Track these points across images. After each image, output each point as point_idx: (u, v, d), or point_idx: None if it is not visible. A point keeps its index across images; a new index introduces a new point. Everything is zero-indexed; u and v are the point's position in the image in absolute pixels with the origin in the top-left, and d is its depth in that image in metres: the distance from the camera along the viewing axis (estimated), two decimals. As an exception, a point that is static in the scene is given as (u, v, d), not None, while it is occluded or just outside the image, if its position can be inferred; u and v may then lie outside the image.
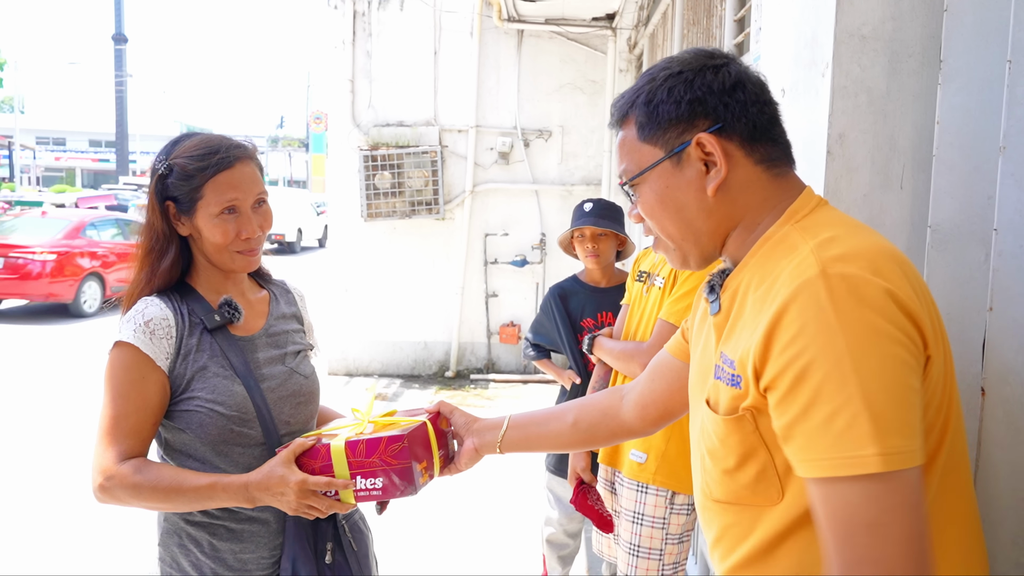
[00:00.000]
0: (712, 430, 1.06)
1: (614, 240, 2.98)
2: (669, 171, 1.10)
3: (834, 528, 0.88)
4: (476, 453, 1.57)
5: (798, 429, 0.90)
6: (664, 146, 1.09)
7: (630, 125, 1.13)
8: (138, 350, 1.53)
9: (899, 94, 1.44)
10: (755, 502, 1.03)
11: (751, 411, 0.98)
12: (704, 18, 3.86)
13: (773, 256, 1.03)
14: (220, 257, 1.61)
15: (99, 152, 49.84)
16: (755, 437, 1.00)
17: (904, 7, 1.47)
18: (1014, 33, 1.10)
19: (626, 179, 1.14)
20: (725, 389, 1.03)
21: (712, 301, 1.13)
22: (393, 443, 1.46)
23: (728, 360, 1.03)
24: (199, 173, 1.56)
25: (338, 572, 1.67)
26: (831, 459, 0.86)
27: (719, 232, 1.11)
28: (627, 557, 2.37)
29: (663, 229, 1.13)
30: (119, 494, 1.49)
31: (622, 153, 1.15)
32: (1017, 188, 1.11)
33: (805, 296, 0.91)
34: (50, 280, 10.40)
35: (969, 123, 1.28)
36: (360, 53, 7.52)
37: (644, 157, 1.11)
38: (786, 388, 0.91)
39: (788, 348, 0.90)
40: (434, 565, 3.85)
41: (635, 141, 1.12)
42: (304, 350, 1.77)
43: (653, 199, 1.11)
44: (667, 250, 1.16)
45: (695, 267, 1.16)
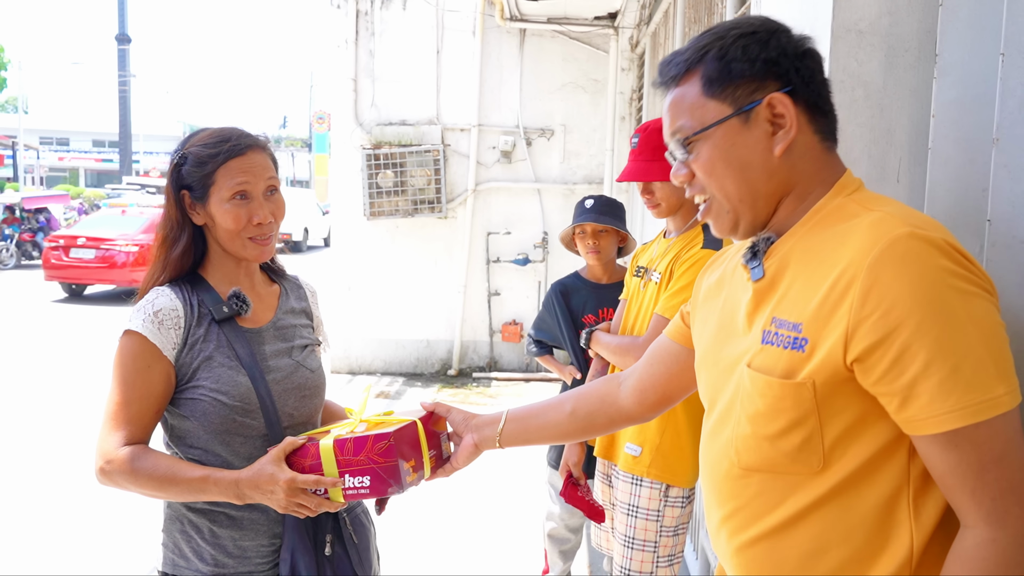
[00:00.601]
0: (759, 393, 1.06)
1: (615, 236, 3.00)
2: (736, 129, 1.09)
3: (965, 473, 0.92)
4: (476, 449, 1.58)
5: (922, 387, 0.92)
6: (733, 103, 1.09)
7: (692, 81, 1.12)
8: (146, 339, 1.56)
9: (896, 88, 1.46)
10: (792, 470, 1.05)
11: (812, 379, 1.00)
12: (705, 16, 3.88)
13: (826, 225, 1.06)
14: (233, 244, 1.64)
15: (102, 152, 49.90)
16: (810, 404, 1.01)
17: (900, 2, 1.49)
18: (1007, 27, 1.12)
19: (684, 135, 1.12)
20: (783, 353, 1.03)
21: (755, 267, 1.13)
22: (379, 441, 1.48)
23: (787, 324, 1.03)
24: (211, 159, 1.60)
25: (337, 564, 1.68)
26: (963, 408, 0.90)
27: (775, 196, 1.11)
28: (622, 549, 2.39)
29: (722, 188, 1.11)
30: (117, 479, 1.53)
31: (678, 111, 1.13)
32: (1010, 179, 1.13)
33: (899, 255, 0.94)
34: (132, 268, 12.27)
35: (964, 116, 1.29)
36: (363, 52, 7.54)
37: (708, 113, 1.10)
38: (898, 349, 0.92)
39: (895, 310, 0.93)
40: (437, 560, 3.87)
41: (699, 97, 1.11)
42: (311, 344, 1.79)
43: (716, 156, 1.10)
44: (719, 214, 1.14)
45: (742, 234, 1.15)
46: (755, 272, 1.13)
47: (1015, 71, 1.11)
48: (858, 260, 0.96)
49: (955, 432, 0.91)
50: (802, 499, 1.05)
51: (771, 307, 1.09)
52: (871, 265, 0.95)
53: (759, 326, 1.10)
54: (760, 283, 1.11)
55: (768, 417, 1.05)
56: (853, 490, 1.02)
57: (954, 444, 0.92)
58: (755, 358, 1.08)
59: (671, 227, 2.45)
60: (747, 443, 1.10)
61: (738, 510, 1.13)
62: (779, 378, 1.03)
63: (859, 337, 0.95)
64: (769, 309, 1.09)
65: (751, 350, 1.10)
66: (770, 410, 1.05)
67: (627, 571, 2.38)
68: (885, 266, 0.94)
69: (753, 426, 1.08)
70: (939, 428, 0.92)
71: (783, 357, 1.04)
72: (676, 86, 1.14)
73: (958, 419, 0.91)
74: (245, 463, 1.59)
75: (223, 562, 1.61)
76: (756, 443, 1.08)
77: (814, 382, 1.00)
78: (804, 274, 1.05)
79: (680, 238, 2.36)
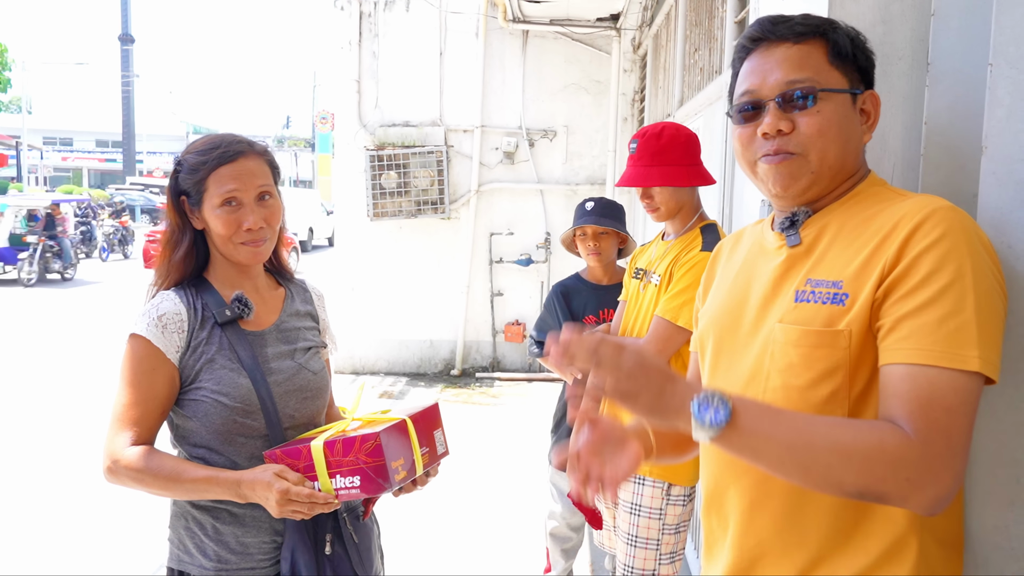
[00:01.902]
0: (793, 344, 1.13)
1: (615, 238, 3.03)
2: (848, 104, 1.19)
3: (912, 402, 0.99)
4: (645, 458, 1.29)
5: (911, 321, 1.02)
6: (849, 81, 1.19)
7: (819, 45, 1.18)
8: (150, 343, 1.60)
9: (890, 95, 1.49)
10: None
11: (850, 328, 1.08)
12: (706, 19, 3.91)
13: (864, 204, 1.18)
14: (226, 248, 1.68)
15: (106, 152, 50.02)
16: (844, 355, 1.09)
17: (894, 11, 1.51)
18: (995, 37, 1.14)
19: (816, 86, 1.16)
20: (821, 308, 1.12)
21: (791, 235, 1.22)
22: (366, 441, 1.52)
23: (825, 283, 1.13)
24: (202, 166, 1.64)
25: (337, 563, 1.71)
26: (938, 351, 0.99)
27: (847, 173, 1.21)
28: (625, 547, 2.42)
29: (823, 150, 1.17)
30: (124, 478, 1.58)
31: (796, 64, 1.18)
32: (998, 186, 1.15)
33: (942, 216, 1.05)
34: None
35: (955, 123, 1.32)
36: (366, 54, 7.58)
37: (834, 79, 1.18)
38: (913, 284, 1.03)
39: (926, 253, 1.03)
40: (440, 559, 3.90)
41: (824, 60, 1.18)
42: (315, 347, 1.82)
43: (835, 119, 1.17)
44: (800, 171, 1.18)
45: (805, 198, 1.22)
46: (792, 239, 1.22)
47: (1003, 81, 1.14)
48: (909, 217, 1.07)
49: (920, 368, 1.00)
50: None
51: (805, 270, 1.17)
52: (919, 220, 1.06)
53: (791, 287, 1.18)
54: (796, 249, 1.20)
55: (801, 367, 1.12)
56: None
57: (912, 375, 1.00)
58: (788, 315, 1.16)
59: (670, 229, 2.47)
60: (775, 395, 1.16)
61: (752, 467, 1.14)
62: (818, 328, 1.11)
63: (891, 271, 1.06)
64: (804, 272, 1.17)
65: (783, 308, 1.17)
66: (804, 360, 1.12)
67: (631, 569, 2.40)
68: (928, 220, 1.05)
69: (784, 378, 1.15)
70: (907, 358, 1.01)
71: (822, 311, 1.12)
72: (796, 43, 1.19)
73: (925, 356, 1.00)
74: (247, 461, 1.63)
75: (226, 558, 1.65)
76: (786, 394, 1.14)
77: (851, 331, 1.08)
78: (843, 242, 1.15)
79: (679, 240, 2.38)
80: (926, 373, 0.99)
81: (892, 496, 0.98)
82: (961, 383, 0.98)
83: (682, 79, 4.74)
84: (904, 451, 0.96)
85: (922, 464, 0.96)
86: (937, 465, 0.96)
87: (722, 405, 1.00)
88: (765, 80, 1.19)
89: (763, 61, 1.21)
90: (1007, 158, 1.14)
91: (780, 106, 1.18)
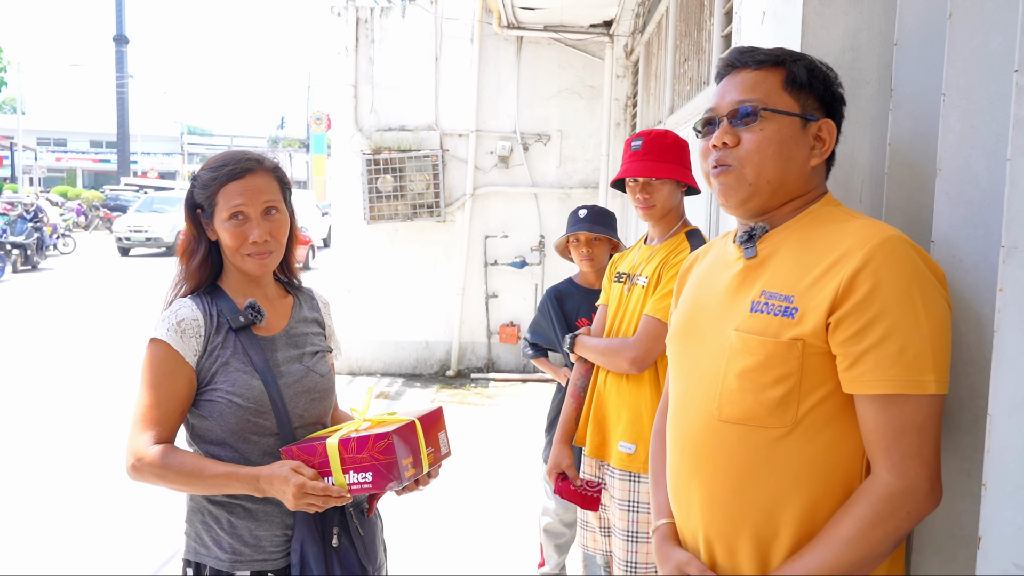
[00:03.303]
0: (749, 352, 1.25)
1: (607, 244, 3.14)
2: (796, 127, 1.31)
3: (887, 432, 1.16)
4: None
5: (872, 354, 1.15)
6: (802, 108, 1.31)
7: (777, 73, 1.31)
8: (170, 347, 1.71)
9: (858, 117, 1.60)
10: (768, 423, 1.24)
11: (801, 340, 1.20)
12: (695, 31, 4.03)
13: (817, 223, 1.30)
14: (235, 259, 1.79)
15: (100, 153, 49.95)
16: (796, 362, 1.22)
17: (862, 39, 1.63)
18: (947, 69, 1.26)
19: (759, 105, 1.29)
20: (772, 320, 1.24)
21: (748, 248, 1.33)
22: (380, 440, 1.63)
23: (778, 296, 1.25)
24: (213, 182, 1.76)
25: (344, 555, 1.82)
26: (899, 380, 1.14)
27: (791, 194, 1.33)
28: (625, 544, 2.45)
29: (760, 165, 1.29)
30: (147, 475, 1.68)
31: (754, 87, 1.31)
32: (950, 205, 1.27)
33: (890, 250, 1.17)
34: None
35: (915, 146, 1.43)
36: (363, 59, 7.68)
37: (782, 102, 1.30)
38: (866, 321, 1.15)
39: (873, 291, 1.15)
40: (437, 554, 4.01)
41: (777, 85, 1.31)
42: (322, 351, 1.93)
43: (776, 139, 1.29)
44: (738, 184, 1.32)
45: (744, 211, 1.34)
46: (749, 251, 1.34)
47: (954, 110, 1.25)
48: (855, 247, 1.19)
49: (889, 397, 1.15)
50: (774, 451, 1.23)
51: (760, 283, 1.29)
52: (867, 252, 1.17)
53: (747, 298, 1.30)
54: (752, 261, 1.33)
55: (757, 371, 1.24)
56: (822, 451, 1.22)
57: (885, 407, 1.16)
58: (743, 323, 1.28)
59: (654, 234, 2.54)
60: (731, 396, 1.28)
61: (711, 459, 1.30)
62: (771, 338, 1.23)
63: (843, 303, 1.17)
64: (759, 285, 1.29)
65: (738, 317, 1.29)
66: (759, 365, 1.24)
67: (633, 564, 2.44)
68: (877, 254, 1.17)
69: (740, 381, 1.27)
70: (876, 389, 1.16)
71: (774, 322, 1.24)
72: (756, 70, 1.33)
73: (892, 386, 1.14)
74: (261, 458, 1.74)
75: (240, 550, 1.75)
76: (741, 396, 1.26)
77: (803, 343, 1.21)
78: (796, 258, 1.27)
79: (664, 245, 2.46)
80: (895, 401, 1.15)
81: (910, 528, 1.17)
82: (924, 403, 1.15)
83: (672, 88, 4.86)
84: (893, 500, 1.15)
85: (908, 495, 1.15)
86: (920, 485, 1.15)
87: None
88: (723, 100, 1.34)
89: (727, 84, 1.35)
90: (958, 180, 1.25)
91: (730, 122, 1.32)
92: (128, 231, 21.43)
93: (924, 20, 1.43)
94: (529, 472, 4.90)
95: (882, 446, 1.17)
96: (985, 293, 1.22)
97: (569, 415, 2.69)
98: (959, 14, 1.24)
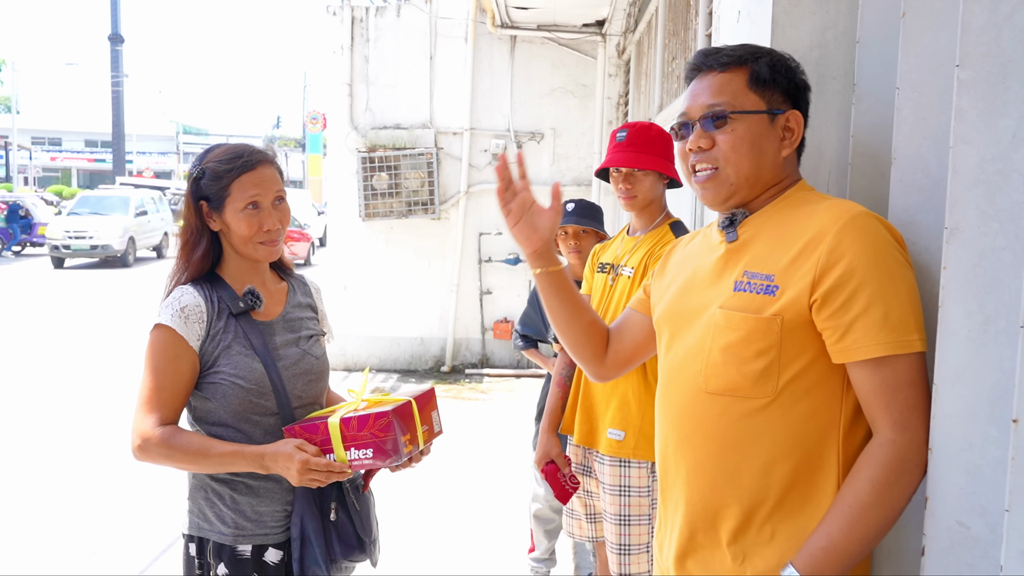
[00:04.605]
0: (733, 327, 1.33)
1: (594, 237, 3.21)
2: (765, 123, 1.39)
3: (884, 392, 1.23)
4: (534, 251, 1.67)
5: (861, 322, 1.22)
6: (768, 104, 1.39)
7: (741, 73, 1.39)
8: (174, 332, 1.78)
9: (825, 111, 1.69)
10: (751, 394, 1.32)
11: (781, 315, 1.28)
12: (682, 30, 4.12)
13: (791, 206, 1.38)
14: (246, 248, 1.86)
15: (95, 152, 49.86)
16: (776, 336, 1.29)
17: (828, 37, 1.72)
18: (900, 65, 1.35)
19: (729, 109, 1.37)
20: (755, 297, 1.32)
21: (730, 233, 1.42)
22: (380, 418, 1.73)
23: (760, 275, 1.33)
24: (227, 174, 1.83)
25: (341, 528, 1.91)
26: (889, 342, 1.21)
27: (767, 184, 1.41)
28: (617, 528, 2.52)
29: (737, 164, 1.38)
30: (154, 455, 1.76)
31: (721, 90, 1.39)
32: (904, 192, 1.35)
33: (859, 226, 1.25)
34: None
35: (875, 138, 1.52)
36: (358, 58, 7.76)
37: (748, 102, 1.38)
38: (849, 293, 1.23)
39: (851, 265, 1.23)
40: (429, 538, 4.10)
41: (743, 87, 1.39)
42: (316, 335, 2.02)
43: (746, 137, 1.37)
44: (722, 183, 1.40)
45: (728, 205, 1.43)
46: (730, 236, 1.42)
47: (907, 103, 1.34)
48: (828, 226, 1.27)
49: (881, 359, 1.22)
50: (756, 420, 1.32)
51: (743, 264, 1.38)
52: (839, 230, 1.25)
53: (731, 278, 1.38)
54: (733, 245, 1.41)
55: (740, 345, 1.33)
56: (801, 419, 1.30)
57: (879, 368, 1.23)
58: (727, 301, 1.36)
59: (636, 225, 2.61)
60: (716, 369, 1.36)
61: (698, 429, 1.38)
62: (753, 314, 1.32)
63: (824, 281, 1.25)
64: (741, 265, 1.38)
65: (722, 296, 1.38)
66: (742, 340, 1.33)
67: (627, 547, 2.51)
68: (848, 231, 1.25)
69: (724, 355, 1.35)
70: (869, 354, 1.22)
71: (756, 300, 1.33)
72: (721, 72, 1.41)
73: (884, 349, 1.22)
74: (262, 437, 1.82)
75: (242, 525, 1.84)
76: (725, 369, 1.35)
77: (782, 318, 1.29)
78: (774, 240, 1.35)
79: (649, 236, 2.53)
80: (887, 363, 1.22)
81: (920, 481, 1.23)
82: (913, 361, 1.23)
83: (661, 85, 4.95)
84: (902, 456, 1.21)
85: (915, 447, 1.21)
86: (923, 437, 1.22)
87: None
88: (694, 103, 1.43)
89: (696, 87, 1.44)
90: (911, 168, 1.34)
91: (702, 126, 1.40)
92: (66, 236, 17.64)
93: (884, 19, 1.52)
94: (521, 463, 4.99)
95: (881, 406, 1.23)
96: (936, 274, 1.30)
97: (555, 404, 2.76)
98: (911, 13, 1.33)
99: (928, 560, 1.18)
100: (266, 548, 1.85)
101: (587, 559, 3.93)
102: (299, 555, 1.84)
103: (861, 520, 1.22)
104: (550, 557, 3.58)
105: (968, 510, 1.10)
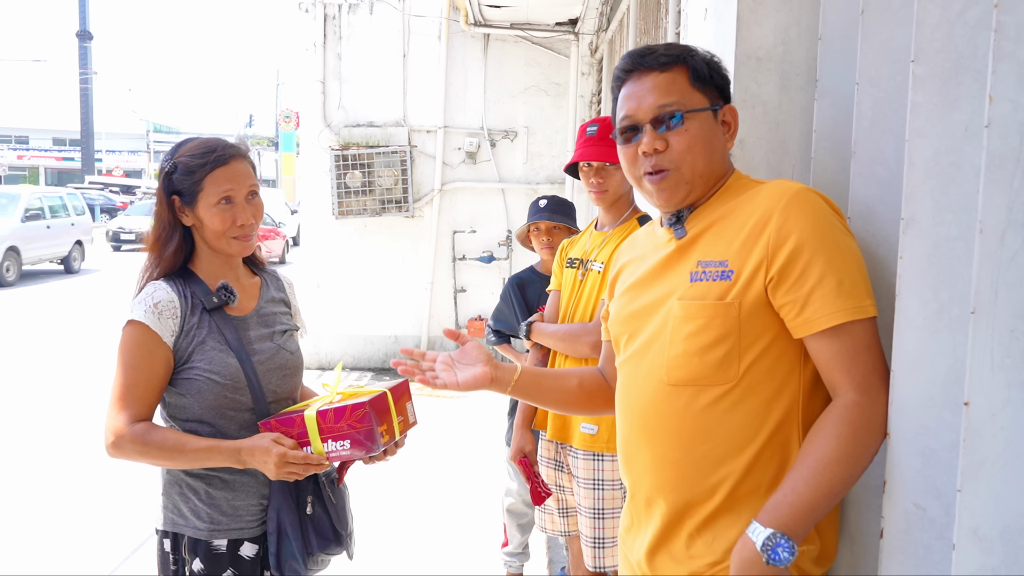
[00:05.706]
0: (691, 317, 1.36)
1: (567, 233, 3.24)
2: (711, 120, 1.42)
3: (843, 357, 1.26)
4: (490, 382, 1.64)
5: (817, 293, 1.26)
6: (709, 99, 1.42)
7: (681, 71, 1.41)
8: (148, 328, 1.77)
9: (789, 107, 1.73)
10: (714, 381, 1.34)
11: (739, 300, 1.31)
12: (653, 29, 4.16)
13: (732, 195, 1.41)
14: (219, 243, 1.86)
15: (64, 151, 49.10)
16: (734, 321, 1.32)
17: (792, 35, 1.76)
18: (860, 60, 1.38)
19: (682, 108, 1.39)
20: (712, 284, 1.35)
21: (679, 229, 1.44)
22: (357, 410, 1.75)
23: (714, 263, 1.36)
24: (199, 168, 1.82)
25: (318, 522, 1.92)
26: (846, 309, 1.24)
27: (716, 178, 1.44)
28: (591, 521, 2.54)
29: (693, 163, 1.40)
30: (128, 452, 1.75)
31: (669, 90, 1.40)
32: (864, 185, 1.39)
33: (802, 201, 1.30)
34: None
35: (836, 132, 1.56)
36: (331, 55, 7.74)
37: (696, 100, 1.40)
38: (802, 267, 1.27)
39: (800, 240, 1.27)
40: (403, 533, 4.11)
41: (687, 84, 1.40)
42: (290, 330, 2.02)
43: (701, 135, 1.40)
44: (677, 184, 1.42)
45: (684, 204, 1.44)
46: (679, 232, 1.44)
47: (866, 97, 1.37)
48: (772, 206, 1.31)
49: (839, 327, 1.25)
50: (720, 407, 1.34)
51: (695, 255, 1.40)
52: (783, 208, 1.29)
53: (686, 271, 1.40)
54: (683, 240, 1.44)
55: (699, 334, 1.35)
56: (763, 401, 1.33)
57: (838, 336, 1.26)
58: (686, 292, 1.39)
59: (605, 220, 2.62)
60: (678, 360, 1.38)
61: (662, 423, 1.39)
62: (712, 301, 1.34)
63: (777, 258, 1.28)
64: (694, 257, 1.40)
65: (680, 288, 1.40)
66: (701, 328, 1.35)
67: (601, 540, 2.53)
68: (792, 208, 1.29)
69: (684, 345, 1.37)
70: (829, 323, 1.25)
71: (713, 287, 1.35)
72: (662, 71, 1.42)
73: (842, 316, 1.25)
74: (237, 432, 1.82)
75: (218, 520, 1.84)
76: (687, 359, 1.37)
77: (740, 303, 1.31)
78: (722, 228, 1.38)
79: (617, 230, 2.54)
80: (846, 329, 1.25)
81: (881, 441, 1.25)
82: (868, 325, 1.26)
83: (634, 83, 4.97)
84: (865, 413, 1.24)
85: (877, 407, 1.24)
86: (884, 398, 1.24)
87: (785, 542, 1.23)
88: (640, 105, 1.42)
89: (637, 88, 1.43)
90: (870, 161, 1.38)
91: (654, 127, 1.41)
92: None
93: (844, 16, 1.56)
94: (494, 458, 5.02)
95: (842, 370, 1.26)
96: (893, 264, 1.34)
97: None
98: (870, 11, 1.37)
99: (887, 542, 1.22)
100: (242, 542, 1.85)
101: (560, 553, 3.96)
102: (276, 548, 1.85)
103: (827, 475, 1.23)
104: (523, 551, 3.61)
105: (924, 492, 1.14)
